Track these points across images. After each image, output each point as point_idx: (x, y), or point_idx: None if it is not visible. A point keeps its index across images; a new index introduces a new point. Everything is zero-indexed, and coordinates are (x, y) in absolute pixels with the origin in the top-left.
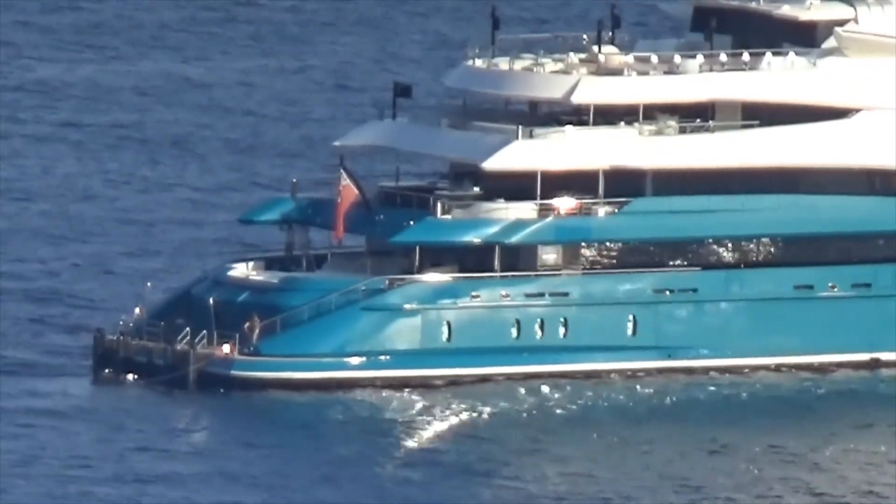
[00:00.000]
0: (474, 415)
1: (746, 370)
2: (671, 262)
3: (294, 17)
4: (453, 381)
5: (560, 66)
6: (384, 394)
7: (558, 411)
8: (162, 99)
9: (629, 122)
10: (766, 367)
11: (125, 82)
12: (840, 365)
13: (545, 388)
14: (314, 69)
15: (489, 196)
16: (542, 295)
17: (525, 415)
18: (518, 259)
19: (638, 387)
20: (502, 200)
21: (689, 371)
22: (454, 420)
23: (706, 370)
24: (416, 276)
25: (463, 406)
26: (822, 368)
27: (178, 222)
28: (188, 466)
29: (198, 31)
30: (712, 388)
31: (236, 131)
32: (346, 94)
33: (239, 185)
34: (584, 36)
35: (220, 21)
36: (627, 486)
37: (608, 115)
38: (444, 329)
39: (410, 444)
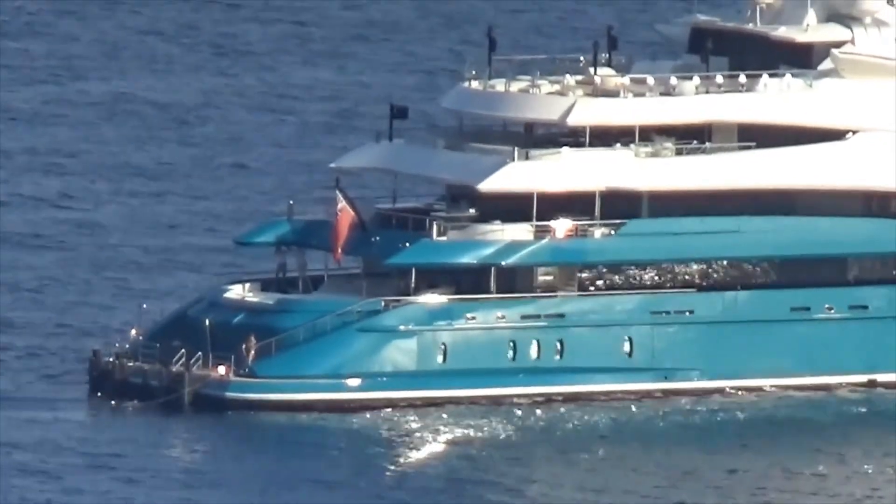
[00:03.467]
0: (469, 437)
1: (743, 392)
2: (668, 284)
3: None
4: (449, 403)
5: (556, 87)
6: (380, 415)
7: (553, 433)
8: (142, 122)
9: (625, 144)
10: (762, 389)
11: (103, 103)
12: (837, 387)
13: (539, 411)
14: (299, 88)
15: (485, 218)
16: (537, 316)
17: (520, 437)
18: (514, 281)
19: (633, 408)
20: (498, 222)
21: (685, 393)
22: (449, 442)
23: (702, 392)
24: (412, 298)
25: (458, 428)
26: (818, 390)
27: (174, 244)
28: (183, 489)
29: (171, 49)
30: (708, 410)
31: (226, 152)
32: (335, 116)
33: (234, 207)
34: (581, 58)
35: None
36: None
37: (604, 137)
38: (440, 350)
39: (405, 466)
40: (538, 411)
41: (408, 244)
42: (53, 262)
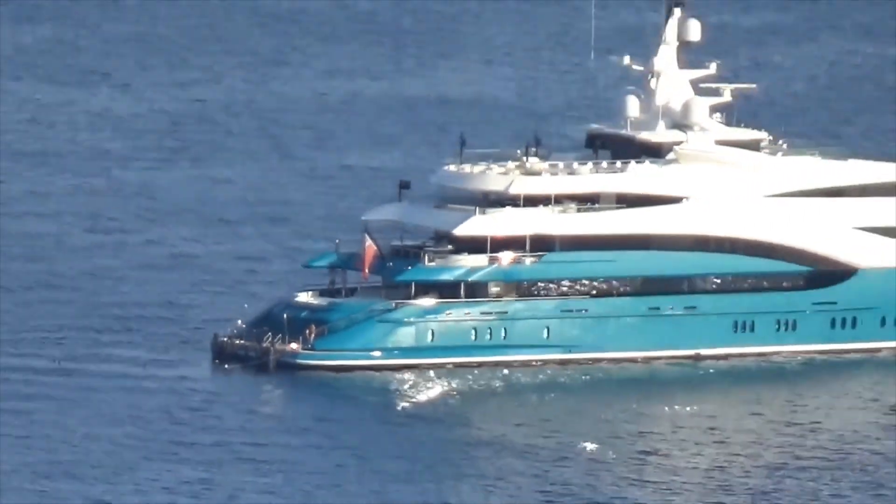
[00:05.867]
0: (449, 387)
1: (618, 361)
2: (572, 293)
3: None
4: (435, 367)
5: (502, 169)
6: (392, 374)
7: (501, 387)
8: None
9: (545, 205)
10: (628, 360)
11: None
12: (671, 358)
13: (491, 373)
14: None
15: (458, 251)
16: (490, 313)
17: (480, 389)
18: (476, 290)
19: (549, 371)
20: (466, 254)
21: (581, 362)
22: (436, 391)
23: (592, 361)
24: (413, 301)
25: (441, 382)
26: (656, 361)
27: (266, 268)
28: (265, 423)
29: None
30: (594, 372)
31: (318, 203)
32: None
33: (301, 245)
34: (518, 151)
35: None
36: (542, 436)
37: (532, 201)
38: (430, 334)
39: (406, 406)
40: (490, 373)
41: (409, 268)
42: (185, 272)
